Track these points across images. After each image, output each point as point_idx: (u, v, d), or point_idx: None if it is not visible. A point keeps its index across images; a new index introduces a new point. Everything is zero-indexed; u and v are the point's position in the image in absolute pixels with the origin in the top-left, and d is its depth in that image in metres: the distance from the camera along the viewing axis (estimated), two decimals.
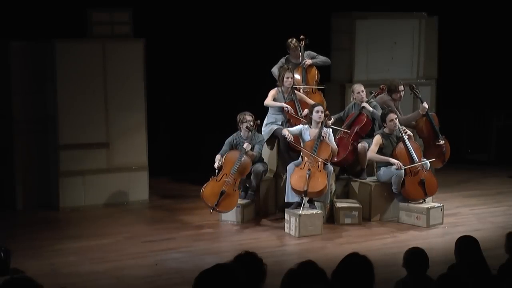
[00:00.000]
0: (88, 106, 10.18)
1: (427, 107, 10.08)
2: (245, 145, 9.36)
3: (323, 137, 9.28)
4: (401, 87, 10.10)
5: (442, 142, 10.09)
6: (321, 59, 10.40)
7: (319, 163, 9.14)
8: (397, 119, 9.54)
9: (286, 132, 9.47)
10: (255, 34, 11.79)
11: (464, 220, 9.70)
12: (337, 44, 11.49)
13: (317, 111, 9.38)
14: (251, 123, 9.47)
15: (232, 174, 9.22)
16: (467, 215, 9.96)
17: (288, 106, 9.74)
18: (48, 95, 10.15)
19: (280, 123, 9.92)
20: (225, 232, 9.24)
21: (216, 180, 9.24)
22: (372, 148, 9.55)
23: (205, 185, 9.24)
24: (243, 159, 9.29)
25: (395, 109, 9.88)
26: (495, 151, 13.37)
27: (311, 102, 9.91)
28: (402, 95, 10.15)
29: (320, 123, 9.37)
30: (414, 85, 10.36)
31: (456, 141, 13.63)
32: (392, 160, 9.42)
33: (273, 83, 10.10)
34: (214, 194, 9.13)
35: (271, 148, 10.06)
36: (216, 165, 9.33)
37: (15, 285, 3.46)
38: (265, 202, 9.87)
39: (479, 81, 13.63)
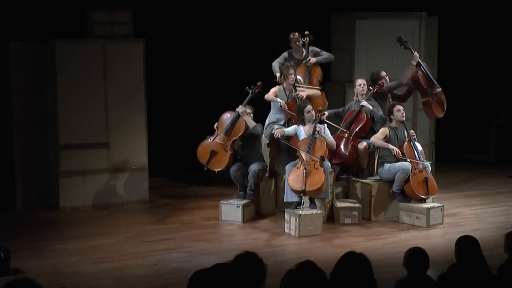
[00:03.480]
0: (88, 106, 10.18)
1: (418, 55, 10.17)
2: (239, 108, 9.55)
3: (317, 132, 9.27)
4: (383, 73, 10.20)
5: (438, 89, 10.15)
6: (324, 56, 10.32)
7: (315, 160, 9.13)
8: (404, 110, 9.69)
9: (276, 131, 9.49)
10: (255, 34, 11.80)
11: (464, 220, 9.70)
12: (337, 44, 11.51)
13: (308, 112, 9.37)
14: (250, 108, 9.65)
15: (223, 134, 9.57)
16: (467, 215, 9.96)
17: (283, 102, 9.70)
18: (48, 95, 10.16)
19: (282, 123, 9.89)
20: (225, 232, 9.25)
21: (210, 139, 9.63)
22: (376, 135, 9.62)
23: (200, 143, 9.68)
24: (235, 120, 9.58)
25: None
26: (495, 151, 13.37)
27: (315, 92, 9.91)
28: (388, 80, 10.22)
29: (313, 121, 9.37)
30: (401, 37, 10.33)
31: (456, 141, 13.66)
32: (391, 147, 9.48)
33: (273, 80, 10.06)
34: (206, 153, 9.60)
35: (272, 148, 10.05)
36: (216, 125, 9.72)
37: (17, 286, 3.46)
38: (265, 202, 9.87)
39: (479, 81, 13.63)
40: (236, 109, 9.61)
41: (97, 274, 7.50)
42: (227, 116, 9.70)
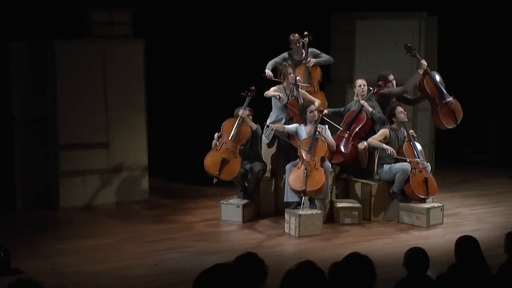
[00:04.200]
0: (88, 106, 10.19)
1: (426, 63, 10.11)
2: (240, 112, 9.47)
3: (319, 132, 9.26)
4: (391, 76, 10.17)
5: (449, 99, 10.06)
6: (324, 58, 10.28)
7: (316, 161, 9.13)
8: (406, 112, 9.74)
9: (272, 125, 9.49)
10: (255, 34, 11.79)
11: (464, 220, 9.70)
12: (337, 44, 11.51)
13: (311, 111, 9.38)
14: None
15: (231, 141, 9.39)
16: (467, 215, 9.96)
17: (281, 94, 9.70)
18: (48, 95, 10.16)
19: (283, 122, 9.88)
20: (225, 232, 9.24)
21: (216, 149, 9.40)
22: (375, 136, 9.63)
23: (206, 155, 9.37)
24: (240, 125, 9.44)
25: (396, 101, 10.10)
26: (495, 151, 13.37)
27: (315, 99, 9.90)
28: (395, 84, 10.19)
29: (315, 121, 9.38)
30: (409, 44, 10.32)
31: (456, 141, 13.66)
32: (385, 146, 9.48)
33: (272, 81, 10.04)
34: (215, 163, 9.28)
35: (272, 148, 10.04)
36: (216, 135, 9.48)
37: (21, 287, 3.46)
38: (265, 202, 9.86)
39: (479, 81, 13.63)
40: (239, 114, 9.49)
41: (97, 274, 7.50)
42: (229, 123, 9.55)
